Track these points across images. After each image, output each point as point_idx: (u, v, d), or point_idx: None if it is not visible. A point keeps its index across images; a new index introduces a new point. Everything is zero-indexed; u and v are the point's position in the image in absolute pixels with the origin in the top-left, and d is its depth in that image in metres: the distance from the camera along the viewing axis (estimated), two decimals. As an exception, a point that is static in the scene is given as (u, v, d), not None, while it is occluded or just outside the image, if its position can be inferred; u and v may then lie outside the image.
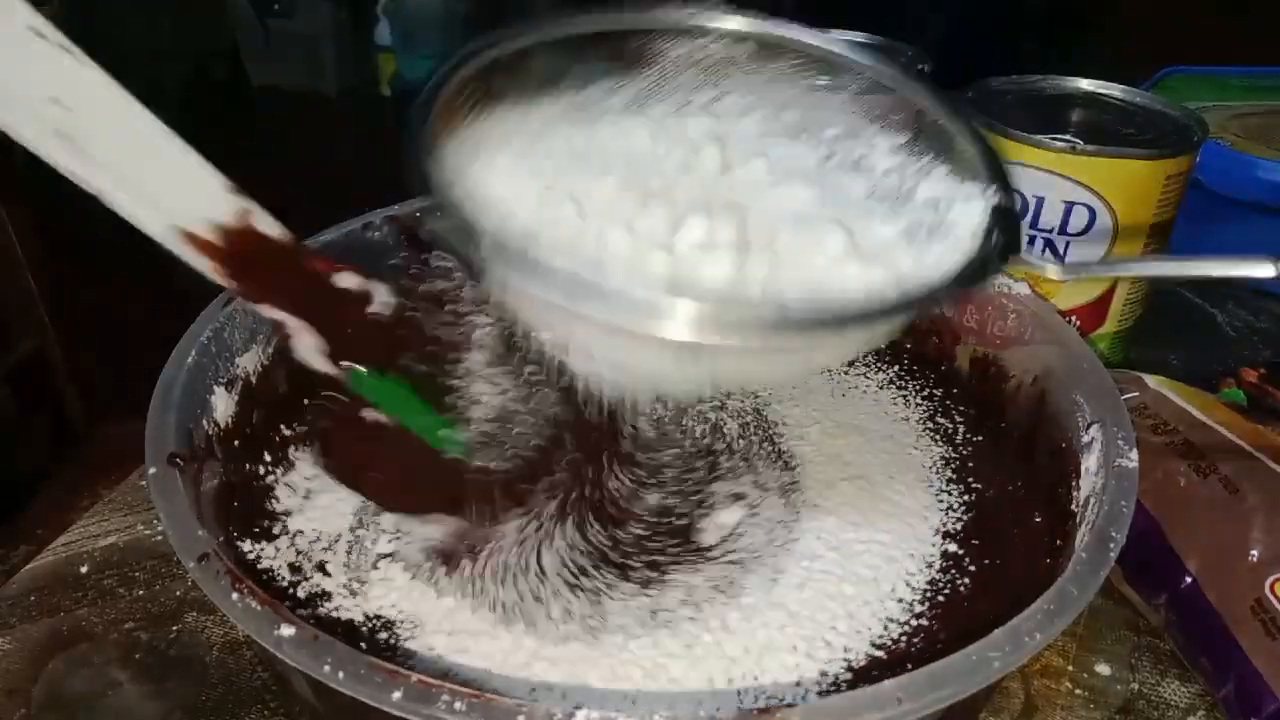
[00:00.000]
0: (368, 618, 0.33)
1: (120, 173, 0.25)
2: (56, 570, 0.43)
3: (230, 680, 0.38)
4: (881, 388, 0.45)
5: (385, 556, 0.35)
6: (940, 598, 0.34)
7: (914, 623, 0.33)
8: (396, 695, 0.24)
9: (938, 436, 0.42)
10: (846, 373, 0.46)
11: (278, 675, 0.36)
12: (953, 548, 0.37)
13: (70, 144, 0.23)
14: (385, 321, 0.31)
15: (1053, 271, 0.29)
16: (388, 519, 0.36)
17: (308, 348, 0.31)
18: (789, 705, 0.25)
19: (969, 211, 0.29)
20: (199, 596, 0.41)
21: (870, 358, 0.47)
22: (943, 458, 0.41)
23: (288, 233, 0.29)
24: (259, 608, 0.27)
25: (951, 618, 0.34)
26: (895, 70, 0.33)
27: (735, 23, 0.33)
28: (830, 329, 0.26)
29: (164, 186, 0.26)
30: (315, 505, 0.37)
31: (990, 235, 0.28)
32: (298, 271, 0.30)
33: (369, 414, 0.31)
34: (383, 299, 0.32)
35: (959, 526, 0.38)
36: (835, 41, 0.33)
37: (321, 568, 0.35)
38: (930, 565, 0.36)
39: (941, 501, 0.39)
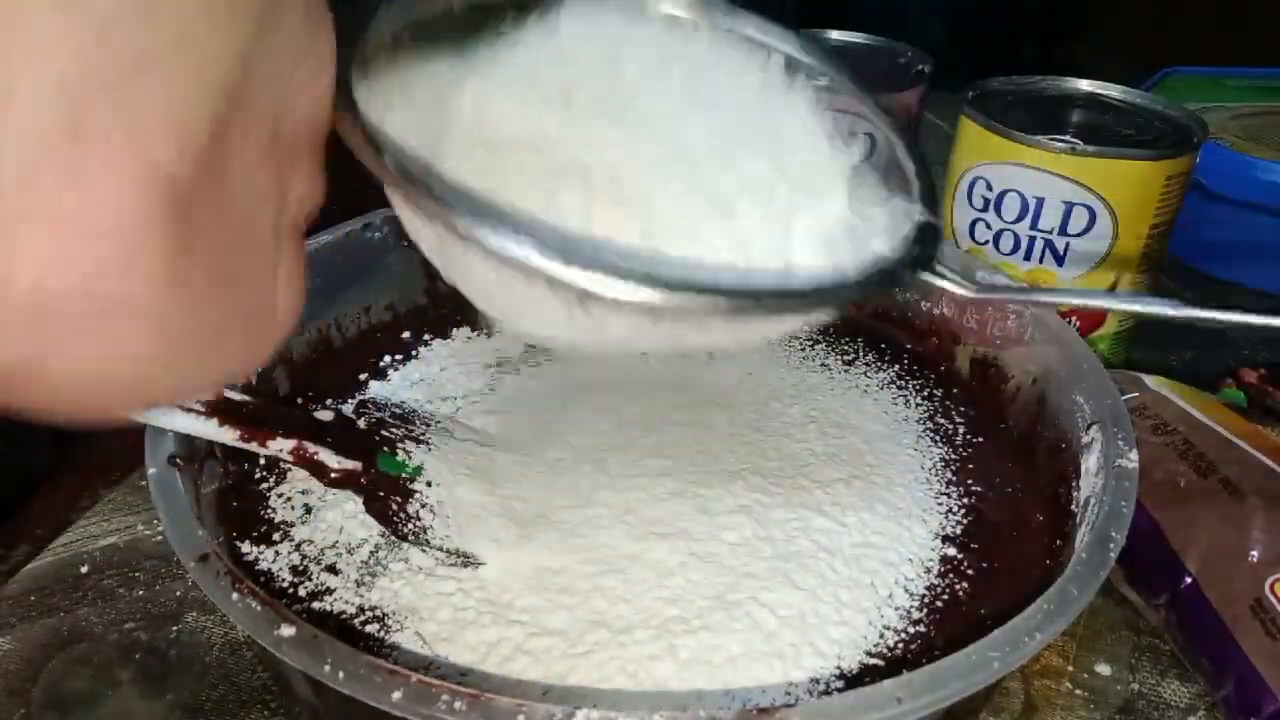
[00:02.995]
0: (361, 609, 0.33)
1: None
2: (56, 570, 0.43)
3: (230, 680, 0.38)
4: (882, 388, 0.45)
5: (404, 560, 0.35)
6: (939, 603, 0.34)
7: (910, 629, 0.33)
8: (396, 695, 0.24)
9: (937, 437, 0.42)
10: (845, 371, 0.46)
11: (278, 675, 0.36)
12: (952, 551, 0.36)
13: None
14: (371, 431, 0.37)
15: (961, 290, 0.28)
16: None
17: (330, 456, 0.34)
18: (789, 705, 0.25)
19: (893, 225, 0.28)
20: (199, 596, 0.41)
21: (870, 357, 0.47)
22: (942, 459, 0.41)
23: (249, 397, 0.34)
24: (259, 608, 0.27)
25: (949, 625, 0.33)
26: (844, 74, 0.31)
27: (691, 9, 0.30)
28: (726, 307, 0.24)
29: None
30: (323, 517, 0.37)
31: (908, 247, 0.27)
32: (282, 412, 0.35)
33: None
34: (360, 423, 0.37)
35: (958, 530, 0.37)
36: (792, 39, 0.31)
37: (332, 569, 0.35)
38: (929, 570, 0.35)
39: (941, 504, 0.39)
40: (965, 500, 0.39)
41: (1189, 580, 0.39)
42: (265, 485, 0.38)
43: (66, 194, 0.15)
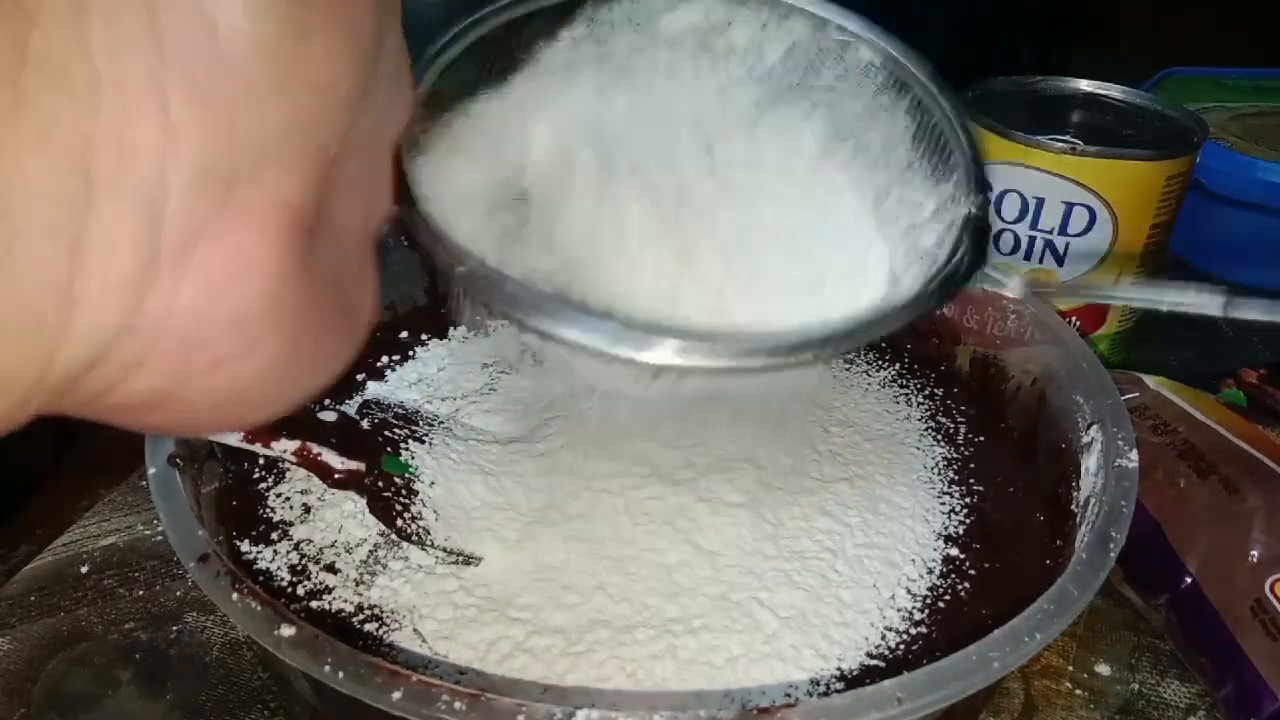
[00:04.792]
0: (360, 608, 0.33)
1: None
2: (56, 570, 0.43)
3: (230, 680, 0.38)
4: (883, 386, 0.45)
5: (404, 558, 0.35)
6: (941, 604, 0.34)
7: (912, 630, 0.33)
8: (396, 695, 0.24)
9: (939, 436, 0.42)
10: (847, 370, 0.46)
11: (278, 675, 0.36)
12: (954, 551, 0.36)
13: None
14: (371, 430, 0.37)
15: (1011, 289, 0.28)
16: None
17: (334, 456, 0.34)
18: (789, 705, 0.25)
19: (941, 217, 0.28)
20: (199, 596, 0.41)
21: (871, 356, 0.47)
22: (944, 459, 0.41)
23: None
24: (259, 608, 0.27)
25: (950, 625, 0.33)
26: (896, 43, 0.31)
27: None
28: (791, 357, 0.25)
29: None
30: (322, 517, 0.37)
31: (958, 248, 0.27)
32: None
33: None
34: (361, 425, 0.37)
35: (960, 530, 0.37)
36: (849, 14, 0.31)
37: (331, 568, 0.35)
38: (931, 570, 0.35)
39: (943, 504, 0.38)
40: (967, 500, 0.39)
41: (1189, 580, 0.39)
42: (264, 485, 0.38)
43: (217, 247, 0.16)
